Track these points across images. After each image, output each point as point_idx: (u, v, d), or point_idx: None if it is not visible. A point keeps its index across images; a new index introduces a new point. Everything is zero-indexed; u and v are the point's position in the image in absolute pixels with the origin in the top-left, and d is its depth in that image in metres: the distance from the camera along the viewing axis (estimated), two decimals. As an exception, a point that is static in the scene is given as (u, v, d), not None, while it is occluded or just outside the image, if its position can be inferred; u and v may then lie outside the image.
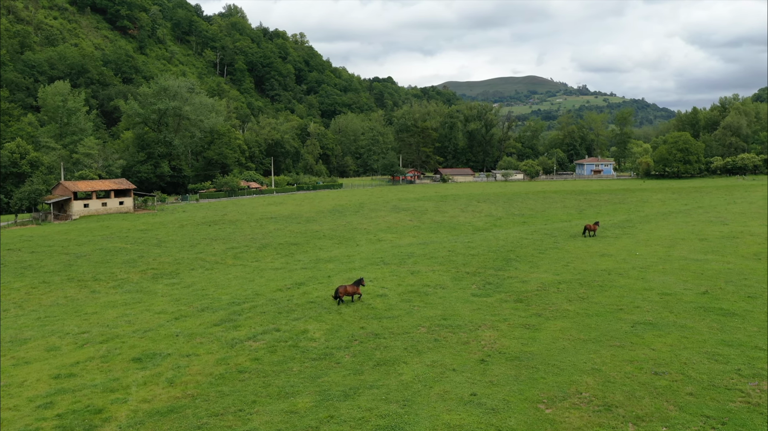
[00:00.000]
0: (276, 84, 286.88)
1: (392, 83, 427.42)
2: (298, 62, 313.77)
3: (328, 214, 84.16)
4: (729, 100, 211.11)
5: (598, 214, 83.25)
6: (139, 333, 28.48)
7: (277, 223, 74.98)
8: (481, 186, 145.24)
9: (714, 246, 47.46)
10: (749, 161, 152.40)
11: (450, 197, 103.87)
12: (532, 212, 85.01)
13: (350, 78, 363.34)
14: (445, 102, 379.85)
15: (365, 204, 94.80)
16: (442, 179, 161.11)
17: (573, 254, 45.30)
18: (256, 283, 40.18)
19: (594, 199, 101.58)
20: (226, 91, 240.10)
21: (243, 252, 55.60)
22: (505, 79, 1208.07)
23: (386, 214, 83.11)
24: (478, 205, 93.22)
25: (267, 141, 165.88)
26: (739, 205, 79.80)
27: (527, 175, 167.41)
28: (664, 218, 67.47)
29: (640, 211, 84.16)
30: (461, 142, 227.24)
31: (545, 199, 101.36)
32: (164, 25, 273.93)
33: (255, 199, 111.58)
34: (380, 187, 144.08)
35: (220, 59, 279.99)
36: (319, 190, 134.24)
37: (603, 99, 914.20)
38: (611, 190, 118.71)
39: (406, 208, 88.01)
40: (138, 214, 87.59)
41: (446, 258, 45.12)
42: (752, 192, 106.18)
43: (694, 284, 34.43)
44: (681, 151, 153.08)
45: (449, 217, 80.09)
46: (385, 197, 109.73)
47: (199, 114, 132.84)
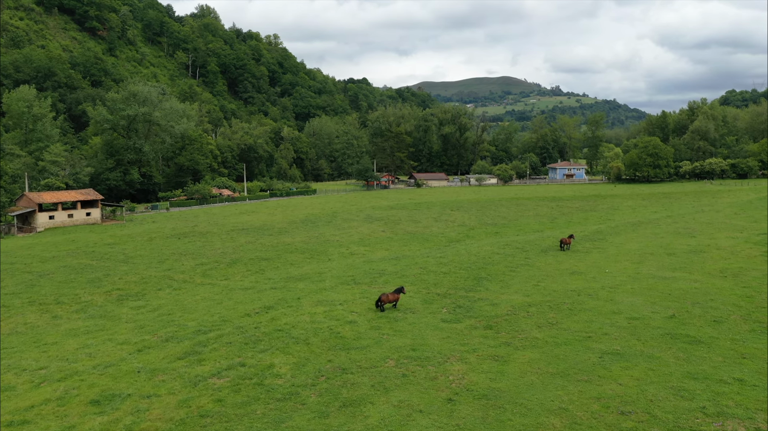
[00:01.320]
0: (249, 86, 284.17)
1: (367, 84, 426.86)
2: (271, 64, 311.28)
3: (300, 224, 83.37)
4: (698, 104, 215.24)
5: (570, 222, 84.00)
6: (100, 368, 27.59)
7: (249, 235, 73.99)
8: (455, 191, 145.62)
9: (682, 262, 48.05)
10: (717, 166, 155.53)
11: (424, 205, 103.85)
12: (504, 221, 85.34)
13: (325, 80, 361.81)
14: (420, 104, 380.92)
15: (338, 213, 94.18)
16: (416, 184, 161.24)
17: (544, 272, 45.43)
18: (224, 306, 39.42)
19: (566, 206, 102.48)
20: (198, 93, 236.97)
21: (212, 269, 54.64)
22: (480, 79, 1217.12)
23: (359, 224, 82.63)
24: (451, 213, 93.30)
25: (240, 146, 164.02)
26: (707, 214, 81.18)
27: (501, 180, 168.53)
28: (633, 229, 68.24)
29: (611, 219, 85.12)
30: (436, 146, 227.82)
31: (518, 207, 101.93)
32: (135, 26, 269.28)
33: (227, 207, 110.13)
34: (354, 193, 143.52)
35: (192, 61, 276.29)
36: (293, 196, 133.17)
37: (576, 100, 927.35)
38: (583, 196, 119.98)
39: (380, 218, 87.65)
40: (106, 225, 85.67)
41: (417, 277, 44.86)
42: (719, 198, 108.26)
43: (662, 306, 34.71)
44: (651, 156, 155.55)
45: (422, 227, 79.94)
46: (358, 205, 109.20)
47: (170, 119, 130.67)
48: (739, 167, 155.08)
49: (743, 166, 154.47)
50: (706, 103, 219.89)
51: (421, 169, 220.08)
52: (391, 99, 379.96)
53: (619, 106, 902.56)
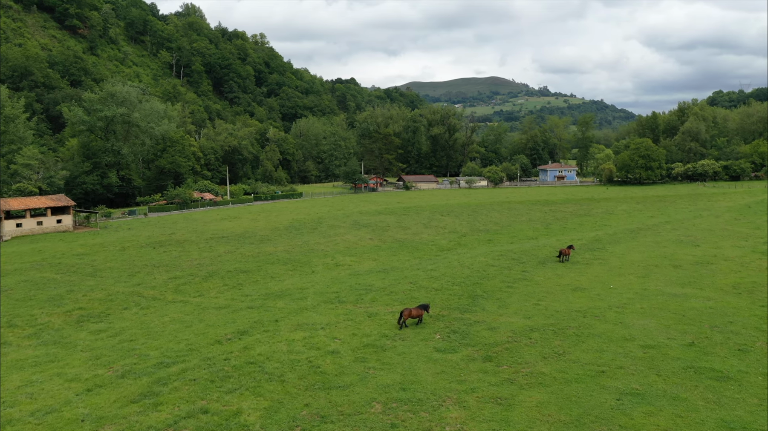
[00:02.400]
0: (235, 86, 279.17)
1: (355, 85, 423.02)
2: (258, 64, 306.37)
3: (284, 231, 79.49)
4: (688, 105, 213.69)
5: (565, 228, 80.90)
6: (39, 415, 23.68)
7: (229, 244, 70.01)
8: (444, 194, 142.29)
9: (690, 276, 44.89)
10: (709, 168, 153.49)
11: (413, 209, 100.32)
12: (497, 227, 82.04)
13: (312, 80, 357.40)
14: (408, 104, 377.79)
15: (324, 218, 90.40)
16: (405, 186, 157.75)
17: (544, 288, 42.04)
18: (193, 330, 35.58)
19: (559, 211, 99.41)
20: (182, 93, 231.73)
21: (186, 284, 50.68)
22: (468, 79, 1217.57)
23: (346, 231, 78.92)
24: (441, 218, 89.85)
25: (224, 147, 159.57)
26: (706, 220, 78.42)
27: (491, 182, 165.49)
28: (633, 237, 65.15)
29: (607, 224, 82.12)
30: (424, 147, 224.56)
31: (510, 211, 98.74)
32: (117, 24, 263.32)
33: (208, 212, 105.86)
34: (341, 196, 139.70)
35: (176, 60, 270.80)
36: (278, 200, 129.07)
37: (563, 100, 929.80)
38: (576, 199, 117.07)
39: (367, 224, 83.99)
40: (78, 232, 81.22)
41: (407, 294, 41.29)
42: (715, 202, 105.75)
43: (678, 330, 31.39)
44: (643, 158, 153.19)
45: (412, 234, 76.40)
46: (345, 209, 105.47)
47: (150, 120, 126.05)
48: (732, 169, 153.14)
49: (736, 168, 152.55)
50: (696, 103, 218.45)
51: (410, 170, 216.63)
52: (379, 99, 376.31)
53: (607, 107, 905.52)
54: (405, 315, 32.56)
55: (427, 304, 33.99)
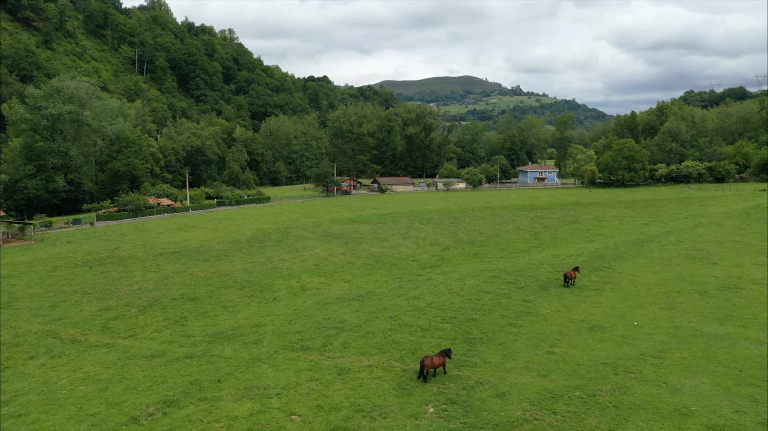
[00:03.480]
0: (202, 83, 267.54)
1: (328, 83, 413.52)
2: (226, 60, 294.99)
3: (245, 244, 70.70)
4: (666, 104, 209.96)
5: (556, 238, 73.77)
6: None
7: (179, 261, 61.02)
8: (422, 198, 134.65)
9: (723, 307, 37.75)
10: (694, 169, 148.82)
11: (389, 216, 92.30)
12: (482, 238, 74.48)
13: (283, 77, 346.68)
14: (382, 103, 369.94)
15: (292, 228, 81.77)
16: (380, 189, 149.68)
17: (554, 325, 34.41)
18: (107, 397, 26.93)
19: (546, 218, 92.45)
20: (144, 90, 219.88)
21: (118, 318, 41.79)
22: (441, 78, 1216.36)
23: (315, 243, 70.48)
24: (421, 227, 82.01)
25: (186, 148, 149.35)
26: (709, 229, 72.07)
27: (470, 184, 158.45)
28: (637, 251, 58.14)
29: (600, 233, 75.27)
30: (400, 147, 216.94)
31: (494, 218, 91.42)
32: (75, 17, 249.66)
33: (164, 220, 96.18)
34: (312, 201, 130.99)
35: (139, 56, 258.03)
36: (243, 205, 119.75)
37: (536, 99, 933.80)
38: (561, 204, 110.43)
39: (339, 235, 75.66)
40: (8, 247, 71.21)
41: (388, 337, 33.27)
42: (708, 206, 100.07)
43: (744, 397, 23.88)
44: (626, 159, 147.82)
45: (389, 248, 68.34)
46: (316, 216, 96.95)
47: (102, 119, 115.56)
48: (717, 170, 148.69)
49: (721, 170, 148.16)
50: (675, 102, 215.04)
51: (385, 171, 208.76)
52: (352, 98, 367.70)
53: (578, 106, 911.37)
54: (427, 365, 26.35)
55: (448, 349, 27.84)
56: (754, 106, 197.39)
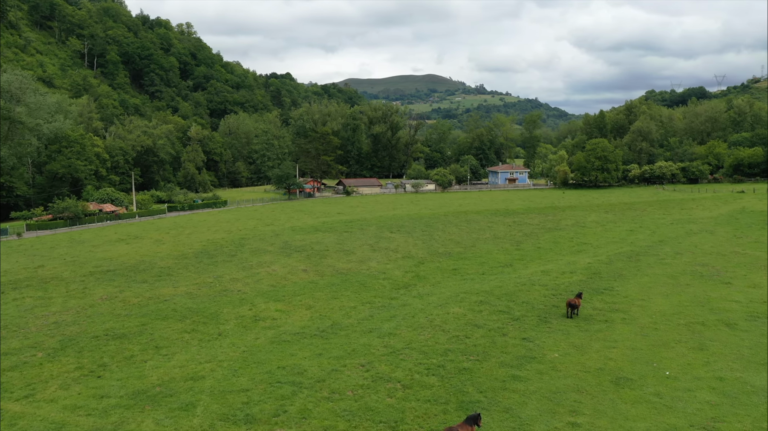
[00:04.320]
0: (157, 79, 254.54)
1: (291, 80, 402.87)
2: (183, 55, 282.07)
3: (193, 259, 62.15)
4: (635, 104, 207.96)
5: (539, 248, 67.34)
6: None
7: (112, 283, 52.21)
8: (390, 201, 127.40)
9: (763, 347, 31.45)
10: (667, 170, 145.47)
11: (356, 224, 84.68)
12: (459, 249, 67.53)
13: (244, 73, 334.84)
14: (347, 101, 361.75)
15: (248, 239, 73.41)
16: (345, 191, 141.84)
17: (568, 377, 27.35)
18: None
19: (525, 224, 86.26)
20: (93, 86, 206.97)
21: (18, 367, 33.17)
22: (406, 77, 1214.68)
23: (273, 258, 62.38)
24: (391, 237, 74.62)
25: (135, 148, 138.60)
26: (702, 237, 66.70)
27: (439, 186, 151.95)
28: (636, 267, 51.90)
29: (586, 242, 69.19)
30: (365, 147, 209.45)
31: (469, 225, 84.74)
32: (19, 6, 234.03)
33: (105, 229, 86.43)
34: (273, 205, 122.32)
35: (88, 49, 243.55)
36: (197, 210, 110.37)
37: (499, 98, 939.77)
38: (537, 208, 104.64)
39: (301, 247, 67.68)
40: None
41: (359, 399, 25.73)
42: (690, 210, 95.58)
43: None
44: (599, 159, 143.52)
45: (357, 262, 60.73)
46: (275, 224, 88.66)
47: (39, 116, 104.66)
48: (690, 171, 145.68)
49: (694, 170, 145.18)
50: (644, 102, 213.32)
51: (351, 172, 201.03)
52: (316, 95, 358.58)
53: (541, 105, 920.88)
54: None
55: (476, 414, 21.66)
56: (721, 105, 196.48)
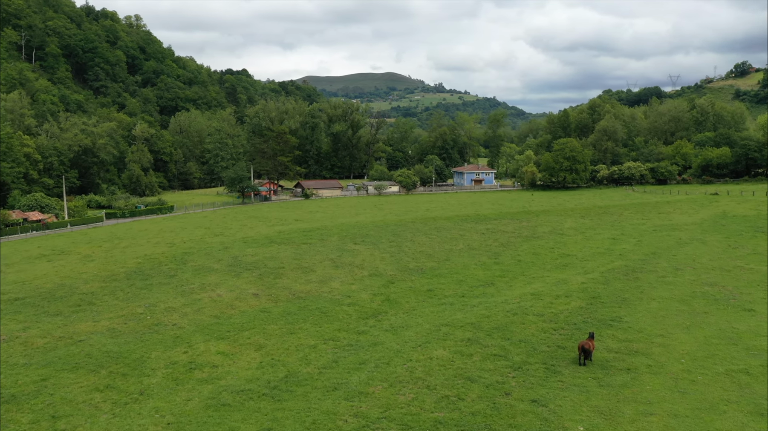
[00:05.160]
0: (102, 73, 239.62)
1: (247, 76, 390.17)
2: (131, 49, 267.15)
3: (124, 281, 53.04)
4: (599, 102, 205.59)
5: (519, 262, 60.69)
6: None
7: (18, 316, 42.85)
8: (352, 205, 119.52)
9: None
10: (636, 170, 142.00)
11: (316, 233, 76.53)
12: (432, 263, 60.26)
13: (198, 69, 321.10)
14: (306, 98, 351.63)
15: (192, 253, 64.48)
16: (304, 194, 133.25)
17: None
18: None
19: (499, 231, 79.76)
20: (30, 80, 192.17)
21: None
22: (365, 75, 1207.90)
23: (219, 278, 53.81)
24: (355, 249, 66.82)
25: (73, 148, 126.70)
26: (695, 248, 61.20)
27: (403, 187, 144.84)
28: (637, 287, 45.49)
29: (569, 254, 62.93)
30: (325, 146, 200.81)
31: (440, 233, 77.67)
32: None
33: (27, 241, 75.85)
34: (224, 211, 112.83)
35: (26, 41, 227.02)
36: (139, 217, 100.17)
37: (458, 97, 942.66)
38: (509, 212, 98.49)
39: (253, 263, 59.20)
40: None
41: None
42: (668, 214, 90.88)
43: None
44: (568, 159, 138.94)
45: (317, 283, 52.73)
46: (226, 233, 79.74)
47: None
48: (659, 172, 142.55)
49: (663, 171, 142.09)
50: (608, 101, 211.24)
51: (310, 172, 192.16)
52: (273, 92, 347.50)
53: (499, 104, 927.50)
54: None
55: None
56: (684, 105, 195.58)
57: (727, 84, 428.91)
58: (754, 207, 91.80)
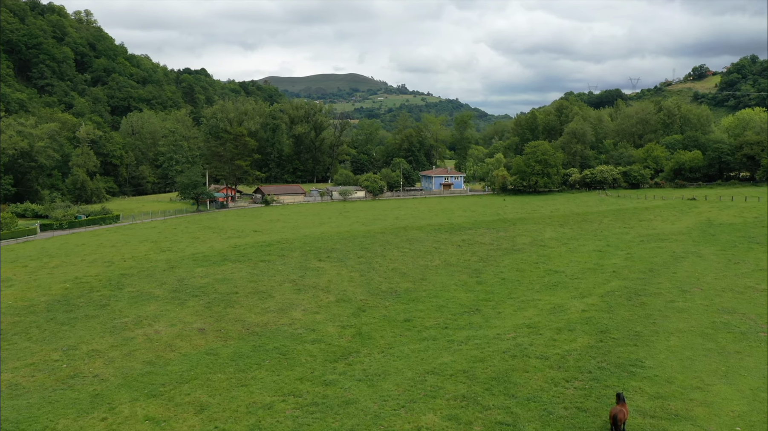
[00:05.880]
0: (47, 71, 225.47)
1: (206, 76, 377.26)
2: (80, 45, 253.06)
3: (43, 313, 44.55)
4: (566, 104, 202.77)
5: (503, 280, 54.54)
6: None
7: None
8: (316, 213, 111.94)
9: None
10: (608, 174, 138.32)
11: (275, 248, 68.81)
12: (408, 285, 53.47)
13: (153, 68, 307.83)
14: (267, 99, 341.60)
15: (131, 275, 56.08)
16: (264, 201, 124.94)
17: None
18: None
19: (476, 243, 73.56)
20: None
21: None
22: (327, 75, 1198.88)
23: (160, 308, 45.79)
24: (320, 267, 59.49)
25: (7, 151, 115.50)
26: (695, 264, 55.95)
27: (369, 193, 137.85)
28: (647, 316, 39.55)
29: (554, 268, 57.14)
30: (287, 148, 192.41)
31: (413, 246, 70.98)
32: None
33: (-58, 261, 65.96)
34: (176, 220, 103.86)
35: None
36: (79, 228, 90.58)
37: (421, 98, 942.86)
38: (485, 221, 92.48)
39: (201, 288, 51.26)
40: None
41: None
42: (650, 222, 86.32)
43: None
44: (540, 163, 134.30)
45: (275, 312, 45.30)
46: (174, 248, 71.36)
47: None
48: (631, 176, 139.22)
49: (635, 175, 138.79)
50: (575, 102, 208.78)
51: (271, 176, 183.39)
52: (233, 92, 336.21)
53: (462, 105, 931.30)
54: None
55: None
56: (651, 107, 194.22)
57: (686, 87, 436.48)
58: (738, 213, 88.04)
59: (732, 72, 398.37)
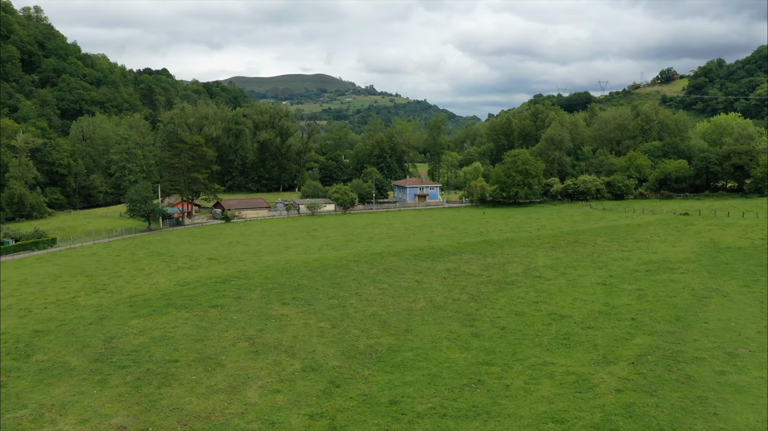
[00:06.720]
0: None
1: (168, 76, 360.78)
2: (27, 43, 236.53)
3: None
4: (541, 109, 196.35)
5: (503, 329, 45.82)
6: None
7: None
8: (281, 231, 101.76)
9: None
10: (592, 185, 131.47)
11: (231, 287, 58.66)
12: (390, 339, 44.13)
13: (110, 68, 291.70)
14: (232, 101, 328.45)
15: (48, 331, 45.37)
16: (224, 216, 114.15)
17: None
18: None
19: (463, 273, 64.78)
20: None
21: None
22: (295, 76, 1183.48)
23: (72, 390, 35.44)
24: (284, 315, 49.68)
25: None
26: (723, 307, 48.48)
27: (340, 206, 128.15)
28: (700, 401, 30.96)
29: (557, 311, 48.86)
30: (251, 155, 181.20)
31: (392, 280, 61.77)
32: None
33: None
34: (122, 242, 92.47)
35: None
36: (5, 257, 78.79)
37: (390, 99, 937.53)
38: (469, 243, 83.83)
39: (132, 353, 40.94)
40: None
41: None
42: (647, 243, 78.92)
43: None
44: (520, 173, 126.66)
45: (225, 391, 35.41)
46: (109, 290, 60.53)
47: None
48: (616, 186, 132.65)
49: (620, 185, 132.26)
50: (550, 107, 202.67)
51: (234, 185, 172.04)
52: (197, 94, 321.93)
53: (430, 107, 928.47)
54: None
55: None
56: (628, 111, 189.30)
57: (654, 90, 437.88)
58: (742, 233, 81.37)
59: (699, 75, 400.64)
